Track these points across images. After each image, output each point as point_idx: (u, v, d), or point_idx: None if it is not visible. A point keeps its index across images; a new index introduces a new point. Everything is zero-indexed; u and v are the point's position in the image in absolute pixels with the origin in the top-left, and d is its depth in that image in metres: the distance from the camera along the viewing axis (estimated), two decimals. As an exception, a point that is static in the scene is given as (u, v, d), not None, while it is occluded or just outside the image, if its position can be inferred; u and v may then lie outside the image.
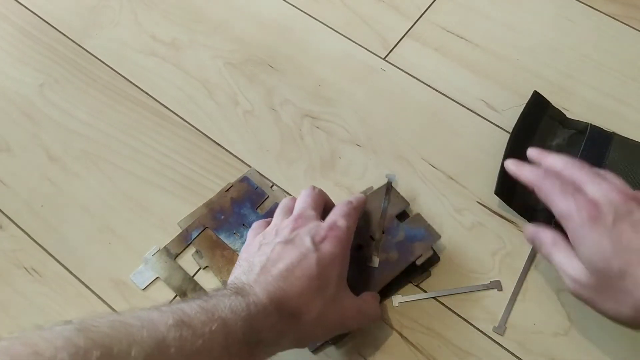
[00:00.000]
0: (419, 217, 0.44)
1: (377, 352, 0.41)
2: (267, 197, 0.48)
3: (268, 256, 0.36)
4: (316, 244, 0.36)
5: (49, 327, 0.26)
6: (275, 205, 0.47)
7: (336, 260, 0.36)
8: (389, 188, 0.45)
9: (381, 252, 0.43)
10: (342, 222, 0.38)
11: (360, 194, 0.44)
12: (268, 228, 0.40)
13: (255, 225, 0.42)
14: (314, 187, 0.42)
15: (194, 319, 0.29)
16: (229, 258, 0.45)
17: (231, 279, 0.36)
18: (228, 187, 0.48)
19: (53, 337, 0.25)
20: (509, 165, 0.41)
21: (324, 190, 0.42)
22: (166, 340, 0.27)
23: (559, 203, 0.36)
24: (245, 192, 0.48)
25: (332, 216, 0.39)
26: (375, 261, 0.42)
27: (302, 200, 0.41)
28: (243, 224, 0.47)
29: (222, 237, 0.46)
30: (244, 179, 0.49)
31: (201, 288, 0.44)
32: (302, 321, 0.34)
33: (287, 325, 0.34)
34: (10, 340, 0.24)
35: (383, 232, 0.43)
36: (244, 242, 0.45)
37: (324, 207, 0.41)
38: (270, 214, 0.47)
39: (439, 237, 0.43)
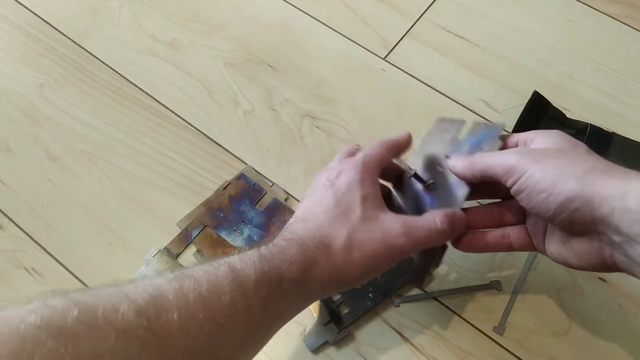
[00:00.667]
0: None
1: (377, 352, 0.41)
2: (265, 193, 0.48)
3: (299, 208, 0.35)
4: (331, 181, 0.35)
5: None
6: (274, 201, 0.47)
7: (353, 184, 0.34)
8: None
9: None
10: (361, 153, 0.36)
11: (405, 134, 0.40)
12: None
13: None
14: (383, 142, 0.39)
15: (197, 271, 0.27)
16: None
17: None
18: (225, 185, 0.48)
19: (26, 301, 0.22)
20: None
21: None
22: (164, 290, 0.24)
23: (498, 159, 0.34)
24: (242, 189, 0.48)
25: (352, 154, 0.38)
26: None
27: (338, 155, 0.39)
28: (243, 221, 0.47)
29: (223, 234, 0.46)
30: (241, 177, 0.49)
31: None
32: (333, 249, 0.31)
33: (315, 257, 0.31)
34: None
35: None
36: (245, 239, 0.46)
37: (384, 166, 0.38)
38: (269, 209, 0.47)
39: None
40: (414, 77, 0.54)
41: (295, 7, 0.58)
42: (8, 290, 0.45)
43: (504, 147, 0.37)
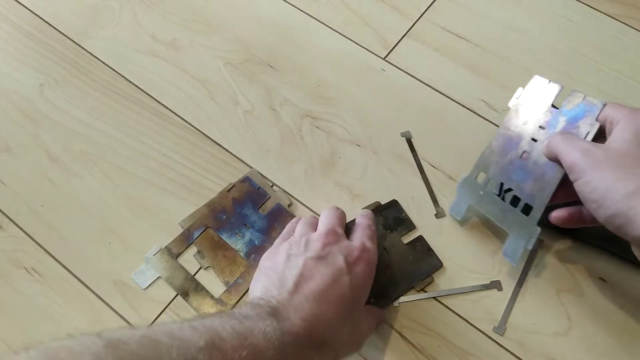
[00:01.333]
0: (421, 240, 0.45)
1: (377, 352, 0.41)
2: (269, 198, 0.48)
3: (300, 272, 0.34)
4: (349, 265, 0.35)
5: (77, 338, 0.25)
6: (277, 206, 0.47)
7: (367, 283, 0.36)
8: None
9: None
10: (370, 245, 0.38)
11: (368, 212, 0.43)
12: (293, 238, 0.39)
13: (279, 238, 0.41)
14: (337, 207, 0.41)
15: (226, 342, 0.28)
16: (231, 258, 0.45)
17: (260, 289, 0.35)
18: (229, 188, 0.48)
19: (81, 351, 0.24)
20: None
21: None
22: None
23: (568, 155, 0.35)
24: (246, 192, 0.48)
25: (360, 237, 0.38)
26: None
27: (329, 217, 0.40)
28: (245, 224, 0.47)
29: (224, 237, 0.46)
30: (246, 179, 0.49)
31: (203, 288, 0.44)
32: (328, 347, 0.34)
33: (315, 352, 0.33)
34: (38, 352, 0.24)
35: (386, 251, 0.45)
36: (246, 243, 0.46)
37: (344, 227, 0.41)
38: (272, 214, 0.47)
39: (441, 265, 0.44)
40: (414, 77, 0.54)
41: (295, 7, 0.58)
42: (8, 290, 0.45)
43: (601, 129, 0.37)
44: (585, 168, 0.33)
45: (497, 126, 0.50)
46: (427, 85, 0.53)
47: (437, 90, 0.53)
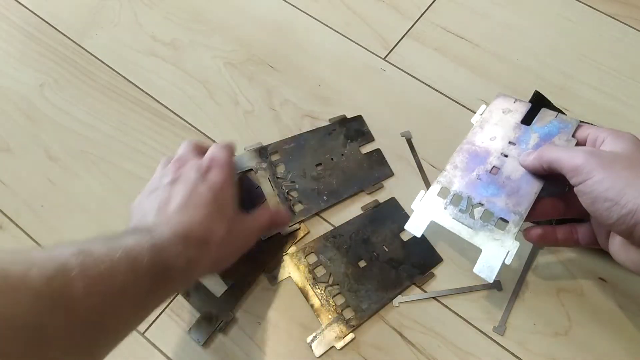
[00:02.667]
0: None
1: (377, 352, 0.41)
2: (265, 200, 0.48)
3: (160, 198, 0.37)
4: (203, 175, 0.38)
5: None
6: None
7: (226, 183, 0.39)
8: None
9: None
10: (221, 153, 0.40)
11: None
12: (151, 180, 0.41)
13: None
14: (190, 140, 0.44)
15: (96, 249, 0.29)
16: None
17: (128, 229, 0.36)
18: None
19: None
20: None
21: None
22: (68, 264, 0.27)
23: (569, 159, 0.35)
24: (244, 190, 0.48)
25: (210, 151, 0.41)
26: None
27: (181, 148, 0.42)
28: None
29: None
30: (244, 178, 0.48)
31: (204, 287, 0.44)
32: (211, 244, 0.36)
33: (198, 251, 0.35)
34: None
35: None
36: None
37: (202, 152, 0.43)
38: None
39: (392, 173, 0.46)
40: (414, 77, 0.54)
41: (295, 7, 0.58)
42: (8, 290, 0.45)
43: (577, 144, 0.38)
44: (595, 167, 0.32)
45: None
46: (427, 85, 0.53)
47: (437, 90, 0.53)
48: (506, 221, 0.38)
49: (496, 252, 0.38)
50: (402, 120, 0.51)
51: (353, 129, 0.50)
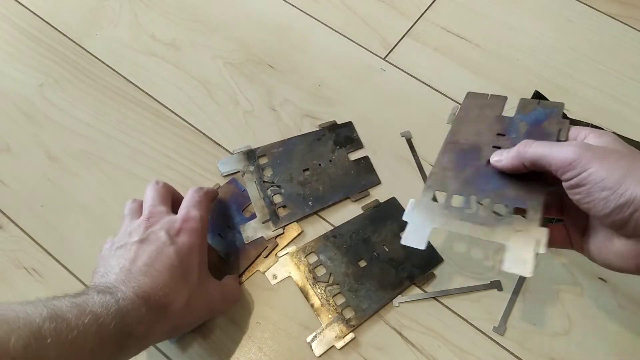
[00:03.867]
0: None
1: (377, 352, 0.41)
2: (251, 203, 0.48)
3: (126, 257, 0.36)
4: (172, 237, 0.37)
5: None
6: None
7: (194, 249, 0.38)
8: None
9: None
10: (194, 213, 0.40)
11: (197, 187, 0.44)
12: (119, 233, 0.40)
13: (108, 239, 0.41)
14: (157, 181, 0.43)
15: (66, 312, 0.30)
16: (213, 259, 0.45)
17: (91, 286, 0.36)
18: (216, 188, 0.48)
19: None
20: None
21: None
22: (42, 330, 0.28)
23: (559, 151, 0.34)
24: (232, 194, 0.48)
25: (185, 207, 0.40)
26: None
27: (149, 197, 0.41)
28: (228, 226, 0.46)
29: (208, 237, 0.46)
30: (232, 181, 0.48)
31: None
32: (170, 311, 0.35)
33: (157, 316, 0.34)
34: None
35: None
36: (227, 244, 0.45)
37: (172, 199, 0.42)
38: (254, 217, 0.47)
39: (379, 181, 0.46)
40: (414, 77, 0.54)
41: (295, 7, 0.58)
42: (8, 290, 0.45)
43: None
44: (590, 160, 0.31)
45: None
46: (427, 85, 0.53)
47: (437, 90, 0.53)
48: (523, 210, 0.35)
49: (524, 243, 0.34)
50: (402, 120, 0.51)
51: (342, 135, 0.50)
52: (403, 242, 0.35)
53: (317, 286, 0.43)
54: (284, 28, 0.57)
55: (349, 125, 0.51)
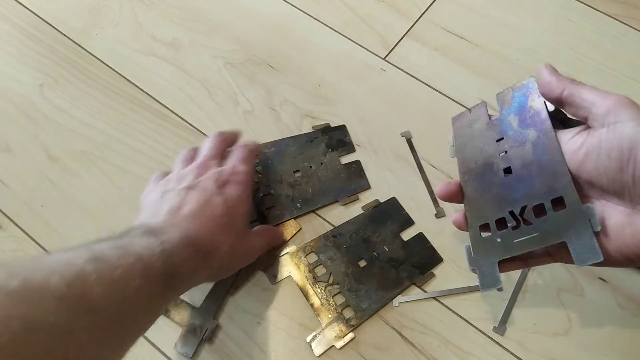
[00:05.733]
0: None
1: (377, 352, 0.41)
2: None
3: (174, 202, 0.37)
4: (220, 188, 0.39)
5: None
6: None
7: (240, 200, 0.39)
8: None
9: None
10: (242, 167, 0.41)
11: (250, 140, 0.46)
12: (169, 176, 0.41)
13: (155, 174, 0.43)
14: (219, 134, 0.44)
15: (109, 253, 0.30)
16: None
17: (137, 224, 0.36)
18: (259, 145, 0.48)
19: None
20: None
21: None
22: (84, 270, 0.28)
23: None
24: None
25: (232, 161, 0.42)
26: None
27: (205, 148, 0.43)
28: None
29: None
30: None
31: (182, 301, 0.44)
32: (215, 256, 0.36)
33: (202, 260, 0.36)
34: None
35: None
36: None
37: (228, 147, 0.44)
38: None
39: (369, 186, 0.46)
40: (414, 77, 0.54)
41: (295, 7, 0.58)
42: (8, 290, 0.45)
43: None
44: (628, 109, 0.30)
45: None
46: (427, 85, 0.53)
47: (437, 90, 0.53)
48: (560, 198, 0.33)
49: (579, 231, 0.31)
50: (402, 120, 0.51)
51: (335, 138, 0.50)
52: (483, 291, 0.38)
53: (317, 286, 0.44)
54: (284, 28, 0.57)
55: (342, 128, 0.51)
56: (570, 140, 0.33)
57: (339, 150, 0.50)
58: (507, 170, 0.36)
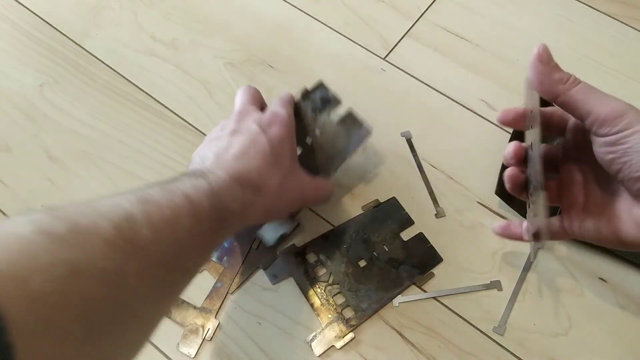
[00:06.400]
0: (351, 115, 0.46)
1: (377, 352, 0.41)
2: None
3: (219, 145, 0.38)
4: (263, 128, 0.39)
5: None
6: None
7: (285, 139, 0.39)
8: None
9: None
10: (282, 110, 0.41)
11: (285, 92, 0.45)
12: (212, 130, 0.42)
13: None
14: (249, 86, 0.44)
15: (156, 196, 0.29)
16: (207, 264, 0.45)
17: (183, 173, 0.36)
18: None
19: (14, 217, 0.24)
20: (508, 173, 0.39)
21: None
22: (132, 212, 0.27)
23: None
24: None
25: (272, 107, 0.42)
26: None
27: (240, 98, 0.43)
28: None
29: None
30: None
31: (183, 301, 0.44)
32: (264, 192, 0.37)
33: (251, 196, 0.36)
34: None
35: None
36: (233, 238, 0.46)
37: (261, 105, 0.44)
38: None
39: (370, 130, 0.45)
40: (414, 77, 0.54)
41: (295, 7, 0.58)
42: (8, 290, 0.45)
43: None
44: (637, 118, 0.30)
45: (498, 126, 0.50)
46: (427, 85, 0.53)
47: (437, 90, 0.53)
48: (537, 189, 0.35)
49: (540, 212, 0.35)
50: (402, 120, 0.51)
51: (318, 98, 0.47)
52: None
53: (317, 286, 0.44)
54: (284, 28, 0.57)
55: (320, 85, 0.47)
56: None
57: (326, 108, 0.46)
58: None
